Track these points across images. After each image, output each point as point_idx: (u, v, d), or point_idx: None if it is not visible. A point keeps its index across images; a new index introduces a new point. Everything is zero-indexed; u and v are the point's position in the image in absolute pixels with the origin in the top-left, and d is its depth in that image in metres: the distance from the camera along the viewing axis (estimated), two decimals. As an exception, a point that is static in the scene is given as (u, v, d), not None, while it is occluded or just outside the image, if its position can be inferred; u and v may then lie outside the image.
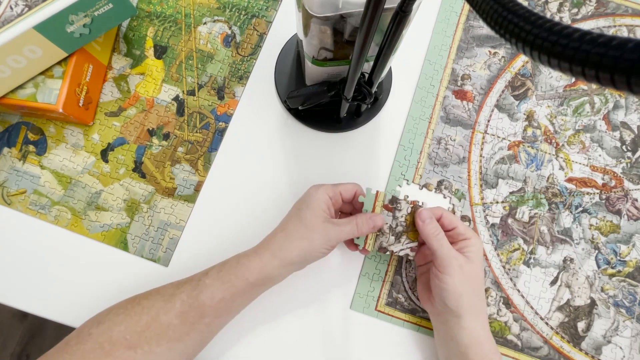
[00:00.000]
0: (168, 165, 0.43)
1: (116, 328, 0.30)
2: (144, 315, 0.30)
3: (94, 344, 0.29)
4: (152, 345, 0.30)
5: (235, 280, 0.32)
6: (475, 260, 0.35)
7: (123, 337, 0.29)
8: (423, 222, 0.35)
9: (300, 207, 0.35)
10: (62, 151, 0.43)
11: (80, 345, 0.29)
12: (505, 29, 0.13)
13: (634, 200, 0.44)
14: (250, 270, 0.33)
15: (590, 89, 0.47)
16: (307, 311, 0.41)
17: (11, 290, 0.40)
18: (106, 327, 0.30)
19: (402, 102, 0.46)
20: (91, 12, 0.37)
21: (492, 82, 0.47)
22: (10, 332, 1.04)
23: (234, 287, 0.32)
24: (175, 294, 0.32)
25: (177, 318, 0.31)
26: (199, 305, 0.31)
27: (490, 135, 0.45)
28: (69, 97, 0.39)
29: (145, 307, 0.31)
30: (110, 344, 0.29)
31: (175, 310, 0.31)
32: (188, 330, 0.31)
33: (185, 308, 0.31)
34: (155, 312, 0.31)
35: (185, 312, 0.31)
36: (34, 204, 0.41)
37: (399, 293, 0.41)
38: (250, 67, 0.46)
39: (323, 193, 0.35)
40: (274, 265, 0.33)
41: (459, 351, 0.34)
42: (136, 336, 0.29)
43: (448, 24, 0.48)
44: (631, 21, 0.49)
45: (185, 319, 0.31)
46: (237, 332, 0.40)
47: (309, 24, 0.29)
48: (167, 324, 0.30)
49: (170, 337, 0.30)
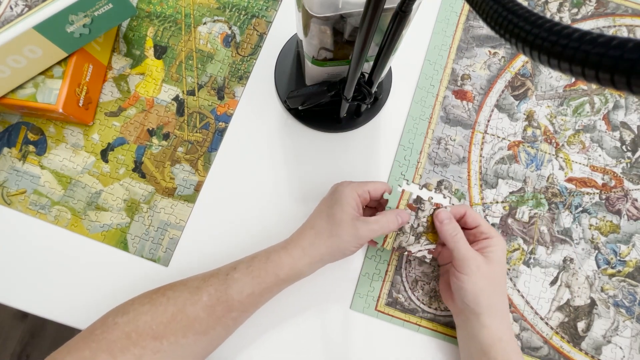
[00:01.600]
0: (168, 165, 0.43)
1: (142, 318, 0.30)
2: (169, 306, 0.30)
3: (121, 333, 0.29)
4: (178, 336, 0.30)
5: (265, 275, 0.32)
6: (494, 260, 0.34)
7: (149, 327, 0.29)
8: (441, 223, 0.35)
9: (330, 204, 0.35)
10: (62, 151, 0.43)
11: (105, 334, 0.29)
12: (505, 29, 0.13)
13: (633, 200, 0.44)
14: (280, 266, 0.33)
15: (590, 89, 0.47)
16: (307, 311, 0.41)
17: (11, 290, 0.40)
18: (132, 317, 0.30)
19: (402, 102, 0.46)
20: (91, 12, 0.37)
21: (492, 82, 0.47)
22: (10, 332, 1.04)
23: (264, 282, 0.32)
24: (202, 287, 0.32)
25: (204, 311, 0.31)
26: (227, 299, 0.31)
27: (490, 135, 0.45)
28: (69, 97, 0.39)
29: (171, 298, 0.31)
30: (137, 333, 0.29)
31: (202, 303, 0.31)
32: (214, 324, 0.31)
33: (213, 301, 0.31)
34: (182, 303, 0.31)
35: (212, 306, 0.31)
36: (34, 204, 0.41)
37: (399, 293, 0.41)
38: (250, 67, 0.46)
39: (352, 191, 0.35)
40: (305, 262, 0.33)
41: (481, 350, 0.34)
42: (162, 327, 0.29)
43: (448, 24, 0.48)
44: (631, 21, 0.49)
45: (213, 312, 0.31)
46: (236, 332, 0.40)
47: (309, 24, 0.29)
48: (194, 316, 0.30)
49: (197, 329, 0.30)
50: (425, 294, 0.41)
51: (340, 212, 0.34)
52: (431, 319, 0.41)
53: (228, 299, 0.31)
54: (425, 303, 0.41)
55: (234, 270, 0.33)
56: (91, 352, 0.28)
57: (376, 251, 0.42)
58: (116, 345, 0.28)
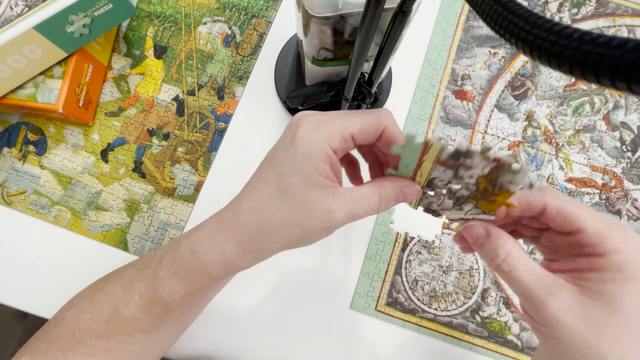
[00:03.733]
0: (168, 165, 0.43)
1: (82, 316, 0.27)
2: (105, 305, 0.27)
3: (65, 331, 0.27)
4: (124, 335, 0.27)
5: (193, 276, 0.25)
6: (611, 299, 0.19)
7: (91, 327, 0.26)
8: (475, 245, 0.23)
9: (282, 169, 0.22)
10: (62, 151, 0.43)
11: (54, 329, 0.28)
12: (505, 29, 0.13)
13: (633, 200, 0.44)
14: (210, 264, 0.25)
15: (590, 89, 0.47)
16: (307, 311, 0.41)
17: (11, 290, 0.40)
18: (74, 314, 0.28)
19: (402, 102, 0.46)
20: (91, 12, 0.37)
21: (492, 82, 0.47)
22: (10, 332, 1.04)
23: (196, 283, 0.26)
24: (134, 283, 0.27)
25: (141, 311, 0.26)
26: (160, 300, 0.26)
27: (490, 135, 0.45)
28: (69, 97, 0.39)
29: (108, 293, 0.27)
30: (80, 332, 0.27)
31: (135, 303, 0.26)
32: (158, 323, 0.27)
33: (145, 302, 0.26)
34: (116, 302, 0.27)
35: (147, 306, 0.26)
36: (34, 204, 0.41)
37: (399, 293, 0.41)
38: (250, 67, 0.46)
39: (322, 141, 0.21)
40: (246, 259, 0.24)
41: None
42: (103, 327, 0.26)
43: (448, 24, 0.48)
44: (631, 21, 0.49)
45: (150, 313, 0.26)
46: (235, 332, 0.40)
47: (309, 24, 0.29)
48: (131, 317, 0.26)
49: (141, 329, 0.26)
50: (426, 294, 0.41)
51: (303, 186, 0.21)
52: (431, 319, 0.41)
53: (161, 300, 0.26)
54: (426, 303, 0.41)
55: (160, 265, 0.26)
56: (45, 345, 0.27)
57: (376, 251, 0.42)
58: (64, 344, 0.27)
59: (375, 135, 0.23)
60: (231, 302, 0.40)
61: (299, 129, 0.22)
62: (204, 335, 0.40)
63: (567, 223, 0.21)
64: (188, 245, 0.26)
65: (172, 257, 0.26)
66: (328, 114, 0.23)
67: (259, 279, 0.41)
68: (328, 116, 0.23)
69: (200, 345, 0.39)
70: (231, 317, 0.40)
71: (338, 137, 0.22)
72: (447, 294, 0.41)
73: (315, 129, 0.22)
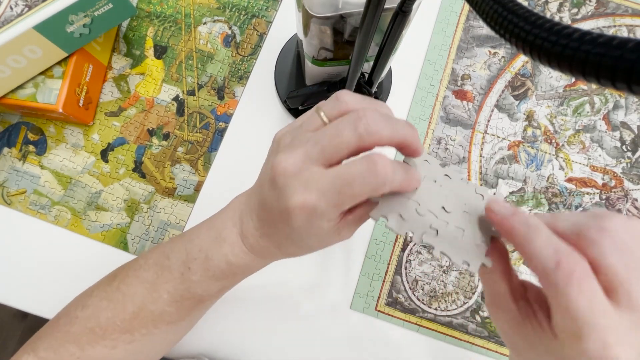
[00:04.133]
0: (168, 165, 0.43)
1: (103, 314, 0.28)
2: (128, 304, 0.28)
3: (84, 328, 0.28)
4: (149, 327, 0.28)
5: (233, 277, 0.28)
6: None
7: (113, 323, 0.27)
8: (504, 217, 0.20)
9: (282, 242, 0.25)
10: (62, 151, 0.43)
11: (68, 327, 0.28)
12: (505, 29, 0.13)
13: (633, 200, 0.44)
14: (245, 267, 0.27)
15: (590, 89, 0.47)
16: (307, 311, 0.41)
17: (11, 290, 0.40)
18: (92, 312, 0.28)
19: (402, 102, 0.46)
20: (91, 12, 0.37)
21: (492, 82, 0.47)
22: (10, 332, 1.04)
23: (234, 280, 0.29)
24: (158, 284, 0.28)
25: (170, 306, 0.28)
26: (193, 296, 0.28)
27: (490, 135, 0.45)
28: (69, 97, 0.39)
29: (127, 294, 0.28)
30: (101, 329, 0.27)
31: (163, 300, 0.27)
32: (186, 314, 0.29)
33: (177, 298, 0.28)
34: (141, 301, 0.28)
35: (178, 302, 0.28)
36: (34, 204, 0.41)
37: (399, 293, 0.41)
38: (250, 67, 0.46)
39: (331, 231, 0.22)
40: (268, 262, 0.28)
41: None
42: (127, 322, 0.28)
43: (448, 24, 0.48)
44: (631, 21, 0.49)
45: (181, 307, 0.28)
46: (235, 331, 0.40)
47: (309, 24, 0.29)
48: (160, 311, 0.28)
49: (168, 320, 0.28)
50: (426, 294, 0.41)
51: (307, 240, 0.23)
52: (431, 319, 0.41)
53: (194, 295, 0.28)
54: (426, 303, 0.41)
55: (189, 271, 0.27)
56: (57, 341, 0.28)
57: (376, 251, 0.42)
58: (82, 339, 0.27)
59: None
60: (231, 302, 0.40)
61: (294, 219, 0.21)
62: (204, 334, 0.40)
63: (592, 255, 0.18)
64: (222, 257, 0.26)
65: (205, 265, 0.27)
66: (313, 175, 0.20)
67: (259, 278, 0.41)
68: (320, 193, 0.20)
69: (200, 344, 0.39)
70: (231, 316, 0.40)
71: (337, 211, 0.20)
72: (447, 294, 0.41)
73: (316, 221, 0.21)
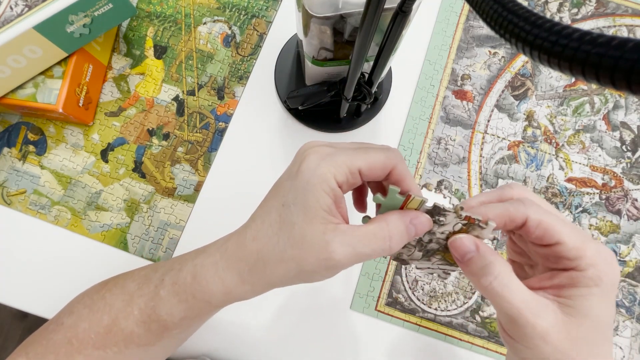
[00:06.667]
0: (168, 165, 0.43)
1: (81, 325, 0.28)
2: (105, 315, 0.27)
3: (63, 337, 0.27)
4: (121, 347, 0.27)
5: (193, 301, 0.25)
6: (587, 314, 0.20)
7: (88, 336, 0.27)
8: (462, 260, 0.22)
9: (285, 199, 0.22)
10: (62, 151, 0.43)
11: (53, 334, 0.28)
12: (505, 29, 0.13)
13: (633, 200, 0.44)
14: (211, 293, 0.24)
15: (590, 89, 0.47)
16: (307, 311, 0.41)
17: (11, 290, 0.40)
18: (73, 321, 0.28)
19: (402, 102, 0.46)
20: (91, 12, 0.37)
21: (492, 82, 0.47)
22: (10, 332, 1.04)
23: (195, 308, 0.26)
24: (134, 297, 0.27)
25: (139, 327, 0.26)
26: (159, 319, 0.26)
27: (490, 135, 0.45)
28: (69, 97, 0.39)
29: (107, 303, 0.28)
30: (77, 340, 0.27)
31: (134, 317, 0.26)
32: (155, 340, 0.27)
33: (145, 318, 0.26)
34: (115, 314, 0.27)
35: (145, 322, 0.26)
36: (34, 204, 0.41)
37: (399, 293, 0.41)
38: (250, 67, 0.46)
39: (327, 173, 0.21)
40: (245, 290, 0.24)
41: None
42: (101, 337, 0.27)
43: (448, 24, 0.48)
44: (631, 21, 0.49)
45: (149, 330, 0.26)
46: (235, 332, 0.40)
47: (309, 24, 0.29)
48: (130, 331, 0.26)
49: (138, 343, 0.27)
50: (426, 294, 0.41)
51: (303, 217, 0.21)
52: (431, 319, 0.41)
53: (159, 319, 0.26)
54: (425, 303, 0.41)
55: (162, 284, 0.26)
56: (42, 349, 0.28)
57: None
58: (60, 350, 0.27)
59: (383, 172, 0.22)
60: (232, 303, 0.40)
61: (305, 160, 0.22)
62: (204, 335, 0.40)
63: (546, 236, 0.22)
64: (191, 268, 0.25)
65: (175, 277, 0.26)
66: (337, 146, 0.23)
67: (259, 279, 0.41)
68: (336, 149, 0.22)
69: (201, 345, 0.39)
70: (231, 316, 0.40)
71: (345, 170, 0.21)
72: (447, 294, 0.41)
73: (322, 160, 0.21)
